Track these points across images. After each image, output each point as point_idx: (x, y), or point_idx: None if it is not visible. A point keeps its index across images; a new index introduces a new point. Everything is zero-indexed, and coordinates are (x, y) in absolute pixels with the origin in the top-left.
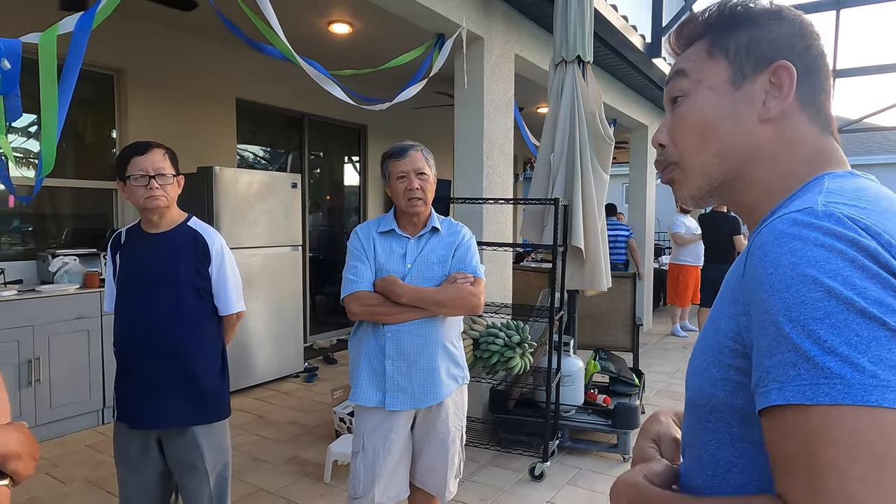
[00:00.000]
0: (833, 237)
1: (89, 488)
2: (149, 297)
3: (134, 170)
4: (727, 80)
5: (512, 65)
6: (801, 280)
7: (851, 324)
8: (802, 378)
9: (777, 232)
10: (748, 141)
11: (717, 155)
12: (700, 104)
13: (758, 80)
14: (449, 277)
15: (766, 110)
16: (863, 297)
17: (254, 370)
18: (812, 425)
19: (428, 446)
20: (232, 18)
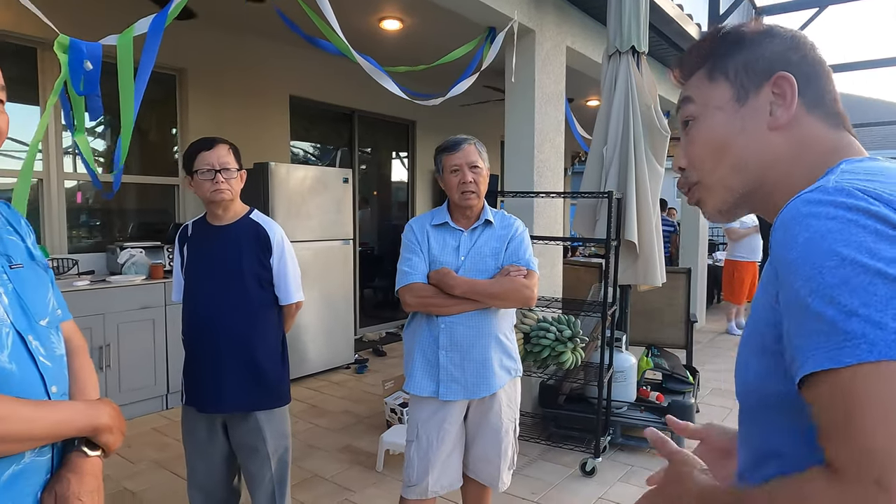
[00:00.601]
0: (844, 208)
1: (156, 468)
2: (215, 287)
3: (201, 164)
4: (731, 99)
5: (563, 57)
6: (818, 252)
7: (868, 286)
8: (829, 344)
9: (793, 212)
10: (762, 149)
11: (733, 168)
12: (709, 123)
13: (761, 94)
14: (502, 270)
15: (774, 119)
16: (877, 258)
17: (306, 361)
18: (843, 387)
19: (481, 437)
20: (289, 16)
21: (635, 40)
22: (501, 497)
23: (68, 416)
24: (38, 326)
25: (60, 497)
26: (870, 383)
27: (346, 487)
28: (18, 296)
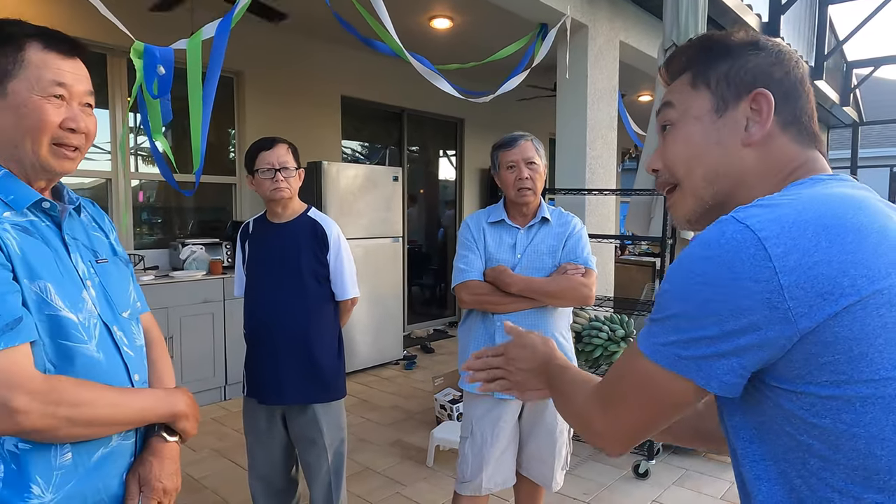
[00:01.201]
0: (704, 247)
1: (216, 457)
2: (275, 283)
3: (261, 164)
4: (710, 110)
5: (616, 52)
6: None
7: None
8: (644, 332)
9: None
10: (734, 164)
11: (704, 179)
12: (686, 132)
13: (739, 108)
14: (560, 268)
15: (748, 135)
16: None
17: (357, 356)
18: (627, 355)
19: (535, 436)
20: (344, 17)
21: (693, 33)
22: (554, 496)
23: (151, 403)
24: (121, 318)
25: (143, 479)
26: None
27: (397, 481)
28: (104, 289)
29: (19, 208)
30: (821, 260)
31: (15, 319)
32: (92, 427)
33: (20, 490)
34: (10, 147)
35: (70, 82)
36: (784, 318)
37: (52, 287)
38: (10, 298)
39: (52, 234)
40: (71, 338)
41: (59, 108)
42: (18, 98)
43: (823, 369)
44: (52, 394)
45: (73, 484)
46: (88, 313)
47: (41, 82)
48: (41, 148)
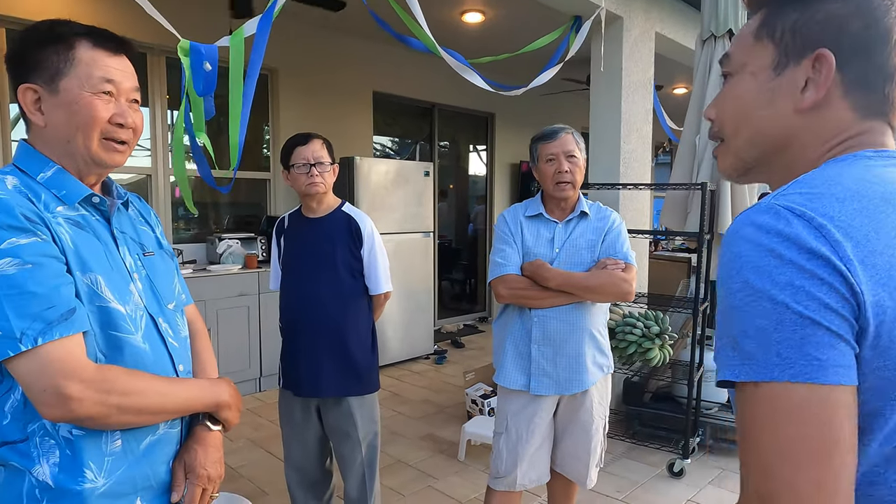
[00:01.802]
0: (760, 231)
1: (252, 447)
2: (310, 277)
3: (297, 159)
4: (769, 66)
5: (652, 44)
6: (729, 275)
7: (762, 310)
8: (734, 359)
9: (730, 229)
10: (781, 130)
11: (749, 141)
12: (739, 88)
13: (801, 66)
14: (599, 263)
15: (802, 100)
16: (773, 284)
17: (388, 350)
18: (741, 401)
19: (570, 433)
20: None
21: (733, 23)
22: (587, 494)
23: (196, 392)
24: (166, 310)
25: (189, 466)
26: (753, 402)
27: (429, 474)
28: (150, 281)
29: (71, 203)
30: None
31: (69, 310)
32: (141, 415)
33: (75, 474)
34: (62, 143)
35: (118, 79)
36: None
37: (102, 279)
38: (65, 290)
39: (101, 228)
40: (120, 329)
41: (108, 104)
42: (70, 95)
43: None
44: (104, 383)
45: (123, 470)
46: (135, 305)
47: (91, 79)
48: (92, 143)
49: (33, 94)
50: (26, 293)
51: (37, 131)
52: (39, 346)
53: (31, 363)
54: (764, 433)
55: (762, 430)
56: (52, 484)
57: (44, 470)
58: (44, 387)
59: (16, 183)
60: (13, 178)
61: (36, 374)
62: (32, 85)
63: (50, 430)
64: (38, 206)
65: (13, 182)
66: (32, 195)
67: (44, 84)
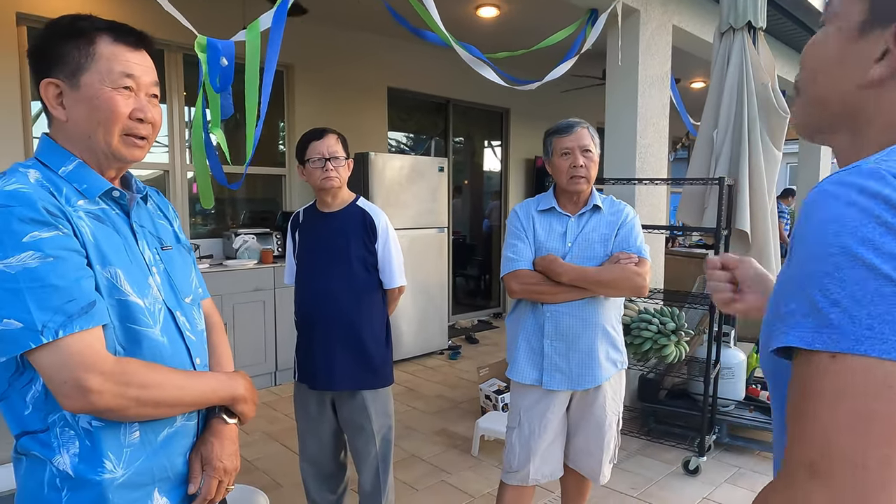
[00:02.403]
0: (865, 194)
1: (267, 440)
2: (325, 271)
3: (312, 153)
4: (856, 25)
5: (669, 37)
6: (825, 235)
7: (859, 279)
8: (806, 325)
9: (820, 189)
10: (844, 100)
11: (815, 99)
12: (822, 42)
13: (886, 34)
14: (612, 257)
15: (869, 73)
16: (876, 253)
17: (402, 345)
18: (807, 373)
19: (583, 429)
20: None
21: (752, 15)
22: (600, 490)
23: (213, 385)
24: (183, 303)
25: (205, 458)
26: (828, 372)
27: (443, 469)
28: (168, 275)
29: (92, 197)
30: None
31: (89, 303)
32: (159, 408)
33: (94, 465)
34: (83, 138)
35: (138, 74)
36: None
37: (122, 273)
38: (85, 283)
39: (121, 222)
40: (138, 322)
41: (128, 98)
42: (91, 90)
43: None
44: (123, 375)
45: (141, 461)
46: (154, 299)
47: (111, 74)
48: (113, 138)
49: (55, 88)
50: (48, 286)
51: (58, 126)
52: (60, 338)
53: (52, 355)
54: (832, 406)
55: (830, 403)
56: (73, 474)
57: (64, 460)
58: (64, 379)
59: (38, 177)
60: (35, 171)
61: (57, 366)
62: (54, 80)
63: (70, 420)
64: (60, 199)
65: (35, 176)
66: (54, 189)
67: (65, 79)
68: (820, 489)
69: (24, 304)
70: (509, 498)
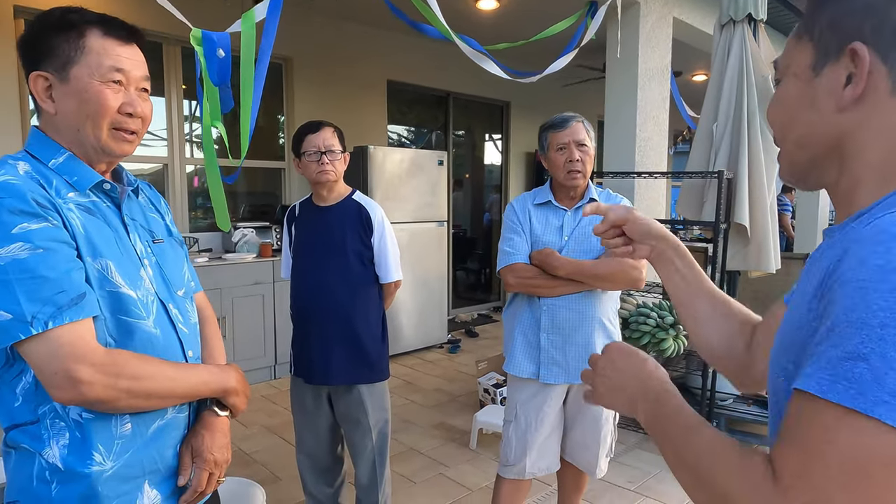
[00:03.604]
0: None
1: (266, 433)
2: (320, 264)
3: (308, 147)
4: (809, 66)
5: (669, 29)
6: (878, 283)
7: None
8: (830, 373)
9: (878, 229)
10: (827, 130)
11: (796, 143)
12: (784, 91)
13: (840, 63)
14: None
15: (842, 98)
16: None
17: (401, 339)
18: (820, 416)
19: (580, 422)
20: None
21: (752, 7)
22: (598, 484)
23: (204, 377)
24: (176, 296)
25: (196, 451)
26: (839, 428)
27: (441, 462)
28: (160, 268)
29: (82, 189)
30: None
31: (79, 295)
32: (150, 399)
33: (83, 457)
34: (72, 131)
35: (128, 68)
36: None
37: (113, 265)
38: (75, 275)
39: (112, 215)
40: (130, 314)
41: (118, 93)
42: (80, 83)
43: None
44: (114, 366)
45: (131, 453)
46: (146, 291)
47: (101, 68)
48: (102, 132)
49: (44, 81)
50: (37, 277)
51: (48, 118)
52: (50, 329)
53: (42, 346)
54: (836, 461)
55: (835, 456)
56: (62, 466)
57: (53, 452)
58: (54, 370)
59: (27, 169)
60: (25, 163)
61: (47, 357)
62: (43, 72)
63: (60, 412)
64: (50, 191)
65: (25, 168)
66: (44, 181)
67: (54, 72)
68: None
69: (13, 296)
70: (506, 491)
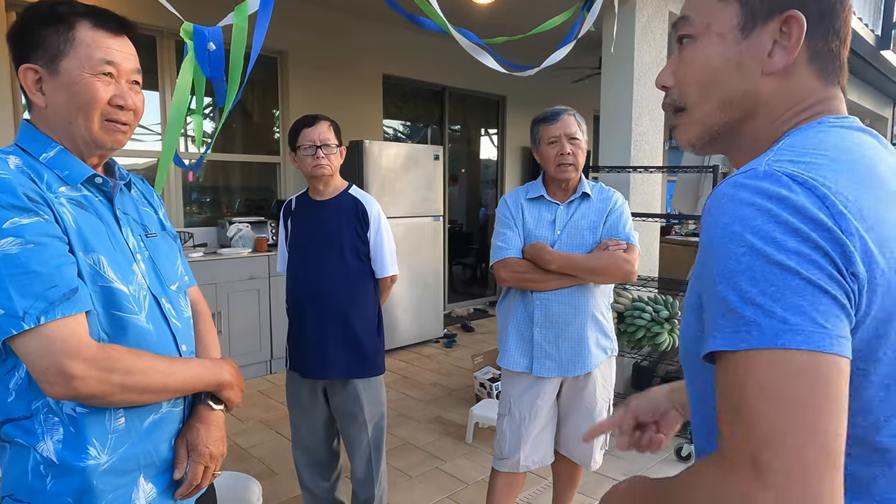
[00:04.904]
0: (763, 196)
1: (262, 427)
2: (317, 259)
3: (303, 140)
4: (736, 27)
5: (666, 23)
6: (730, 238)
7: (768, 275)
8: (728, 327)
9: (719, 193)
10: (749, 94)
11: (719, 106)
12: (706, 52)
13: (768, 28)
14: (601, 244)
15: (770, 63)
16: (780, 249)
17: (397, 333)
18: (736, 369)
19: (574, 415)
20: None
21: None
22: (592, 476)
23: (198, 371)
24: (169, 291)
25: (191, 444)
26: (756, 369)
27: (436, 456)
28: (153, 262)
29: (74, 183)
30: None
31: (71, 290)
32: (144, 394)
33: (78, 451)
34: (63, 124)
35: (118, 60)
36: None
37: (105, 260)
38: (67, 270)
39: (104, 209)
40: (123, 308)
41: (109, 85)
42: (70, 76)
43: None
44: (107, 361)
45: (126, 447)
46: (138, 285)
47: (91, 60)
48: (93, 124)
49: (34, 74)
50: (29, 272)
51: (38, 112)
52: (42, 324)
53: (34, 342)
54: (764, 400)
55: (761, 397)
56: (56, 460)
57: (48, 446)
58: (47, 365)
59: (18, 163)
60: (16, 157)
61: (39, 352)
62: (33, 65)
63: (54, 407)
64: (41, 186)
65: (15, 162)
66: (35, 175)
67: (44, 65)
68: (764, 485)
69: (4, 291)
70: (500, 484)
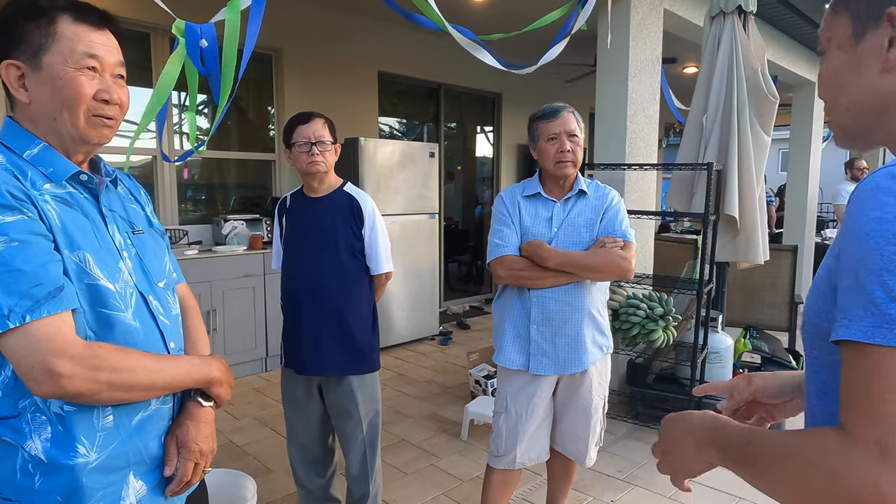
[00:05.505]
0: None
1: (257, 425)
2: (311, 256)
3: (298, 137)
4: (850, 36)
5: (660, 21)
6: (882, 234)
7: None
8: (868, 320)
9: (873, 184)
10: (873, 93)
11: (847, 110)
12: (831, 64)
13: (879, 29)
14: (597, 242)
15: (886, 60)
16: None
17: (393, 331)
18: (870, 363)
19: (570, 413)
20: None
21: (742, 0)
22: (587, 473)
23: (187, 369)
24: (156, 288)
25: (181, 441)
26: (889, 363)
27: (432, 453)
28: (140, 259)
29: (58, 180)
30: None
31: (57, 288)
32: (132, 391)
33: (67, 449)
34: (48, 120)
35: (101, 54)
36: None
37: (91, 257)
38: (52, 268)
39: (90, 206)
40: (109, 306)
41: (93, 79)
42: (53, 71)
43: None
44: (94, 359)
45: (115, 445)
46: (125, 283)
47: (74, 55)
48: (79, 120)
49: (16, 70)
50: (14, 271)
51: (22, 108)
52: (28, 323)
53: (20, 340)
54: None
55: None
56: (45, 458)
57: (36, 445)
58: (32, 364)
59: (1, 160)
60: None
61: (25, 351)
62: (15, 61)
63: (41, 406)
64: (25, 183)
65: None
66: (19, 172)
67: (27, 60)
68: (889, 465)
69: None
70: (496, 481)
